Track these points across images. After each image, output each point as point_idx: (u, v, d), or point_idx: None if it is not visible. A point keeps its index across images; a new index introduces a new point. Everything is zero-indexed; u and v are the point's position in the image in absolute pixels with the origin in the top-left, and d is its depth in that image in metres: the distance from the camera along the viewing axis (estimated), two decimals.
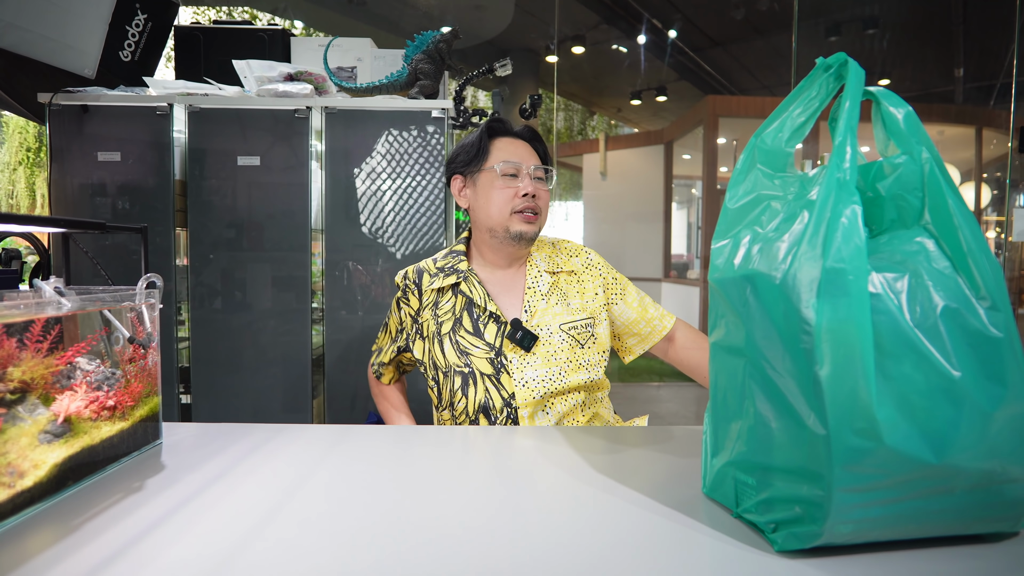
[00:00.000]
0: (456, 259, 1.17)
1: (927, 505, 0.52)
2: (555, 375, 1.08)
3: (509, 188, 1.11)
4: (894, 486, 0.50)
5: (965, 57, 5.57)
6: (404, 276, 1.21)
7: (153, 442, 0.87)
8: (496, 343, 1.09)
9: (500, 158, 1.13)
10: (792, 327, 0.52)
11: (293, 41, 2.03)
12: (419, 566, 0.53)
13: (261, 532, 0.59)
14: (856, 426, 0.48)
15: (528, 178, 1.12)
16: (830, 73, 0.60)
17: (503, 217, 1.11)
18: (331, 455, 0.83)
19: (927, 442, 0.49)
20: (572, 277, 1.18)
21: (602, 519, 0.63)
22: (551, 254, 1.20)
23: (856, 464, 0.49)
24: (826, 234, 0.52)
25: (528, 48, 6.39)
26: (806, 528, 0.52)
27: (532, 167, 1.13)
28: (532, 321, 1.10)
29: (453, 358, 1.10)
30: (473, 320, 1.11)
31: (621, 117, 9.47)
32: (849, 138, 0.54)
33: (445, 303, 1.14)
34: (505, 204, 1.11)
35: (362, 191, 1.81)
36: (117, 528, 0.60)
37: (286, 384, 1.83)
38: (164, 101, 1.77)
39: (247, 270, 1.82)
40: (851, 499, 0.50)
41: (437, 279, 1.16)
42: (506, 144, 1.15)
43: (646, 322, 1.19)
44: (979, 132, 5.66)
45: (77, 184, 1.77)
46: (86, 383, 0.74)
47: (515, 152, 1.14)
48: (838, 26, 5.65)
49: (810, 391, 0.50)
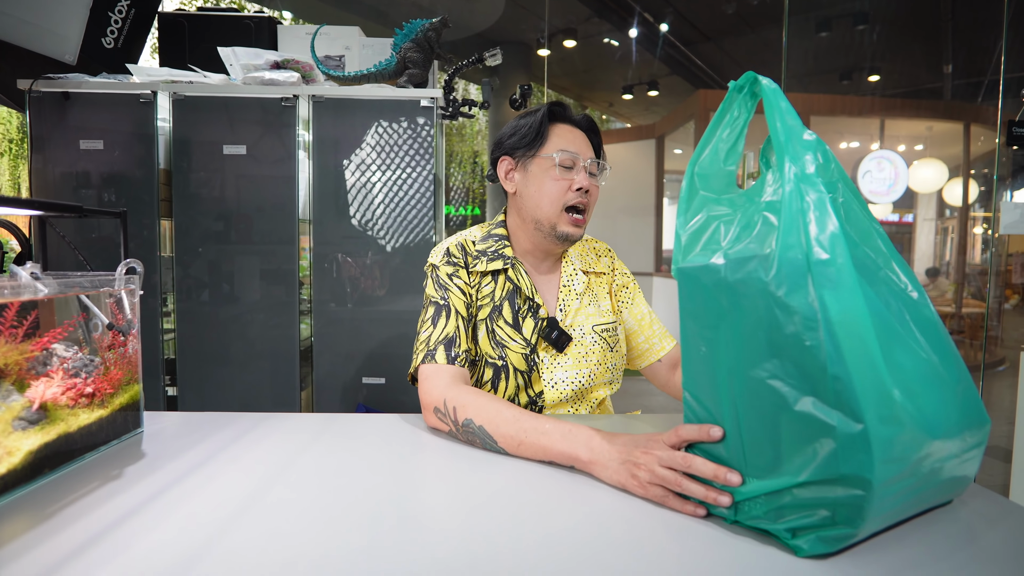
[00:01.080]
0: (499, 243, 1.10)
1: (926, 487, 0.53)
2: (584, 377, 1.04)
3: (563, 180, 1.04)
4: (910, 474, 0.50)
5: (954, 53, 5.60)
6: (448, 253, 1.08)
7: (134, 430, 0.85)
8: (532, 339, 1.04)
9: (558, 146, 1.05)
10: (790, 328, 0.50)
11: (280, 29, 2.00)
12: (401, 554, 0.52)
13: (239, 519, 0.58)
14: (883, 414, 0.48)
15: (584, 172, 1.05)
16: (744, 93, 0.63)
17: (554, 211, 1.04)
18: (314, 443, 0.82)
19: (926, 423, 0.50)
20: (601, 279, 1.15)
21: (596, 510, 0.62)
22: (583, 252, 1.16)
23: (890, 455, 0.48)
24: (803, 226, 0.51)
25: (519, 41, 6.36)
26: (838, 531, 0.50)
27: (588, 160, 1.06)
28: (567, 321, 1.06)
29: (487, 347, 1.04)
30: (514, 311, 1.06)
31: (613, 112, 9.46)
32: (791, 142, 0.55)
33: (485, 287, 1.07)
34: (558, 196, 1.04)
35: (352, 182, 1.79)
36: (92, 516, 0.59)
37: (274, 376, 1.81)
38: (148, 88, 1.74)
39: (234, 261, 1.79)
40: (887, 492, 0.49)
41: (480, 261, 1.08)
42: (565, 132, 1.08)
43: (645, 338, 1.15)
44: (967, 128, 5.70)
45: (59, 173, 1.74)
46: (63, 370, 0.73)
47: (574, 141, 1.06)
48: (828, 21, 5.67)
49: (828, 390, 0.49)
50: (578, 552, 0.52)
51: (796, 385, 0.51)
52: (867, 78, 6.18)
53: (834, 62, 6.27)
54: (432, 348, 0.98)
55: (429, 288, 1.06)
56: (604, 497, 0.65)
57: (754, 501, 0.56)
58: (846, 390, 0.48)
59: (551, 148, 1.05)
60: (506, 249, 1.09)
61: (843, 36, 5.72)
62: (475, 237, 1.12)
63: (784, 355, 0.51)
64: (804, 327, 0.49)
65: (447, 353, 0.97)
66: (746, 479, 0.56)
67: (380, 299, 1.81)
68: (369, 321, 1.81)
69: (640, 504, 0.63)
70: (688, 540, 0.55)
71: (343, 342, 1.82)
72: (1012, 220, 2.62)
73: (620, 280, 1.17)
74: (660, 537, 0.56)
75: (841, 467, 0.48)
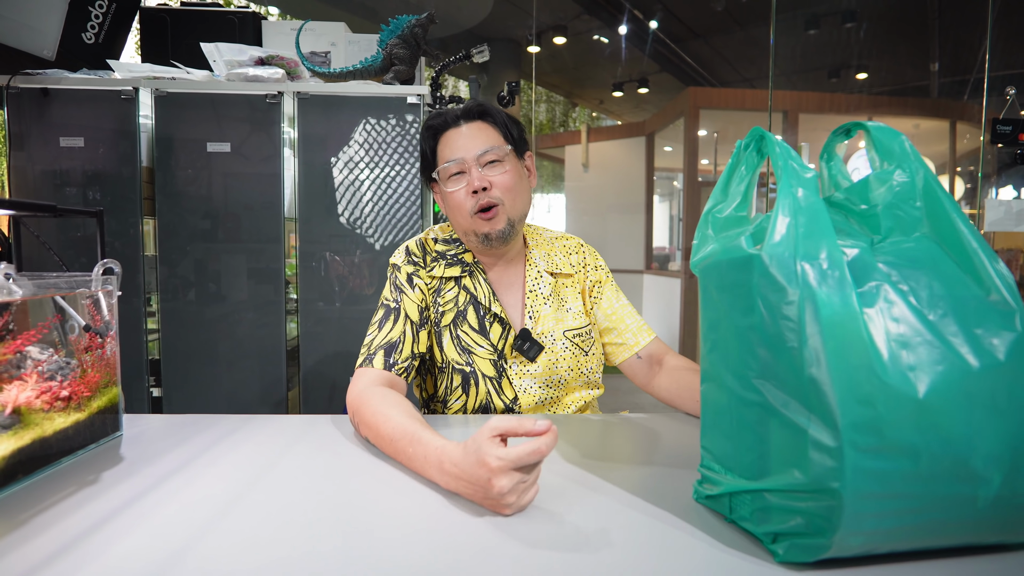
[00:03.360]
0: (459, 248, 1.06)
1: (947, 517, 0.48)
2: (555, 383, 1.02)
3: (459, 189, 0.99)
4: (913, 496, 0.47)
5: (940, 51, 5.64)
6: (407, 252, 1.05)
7: (112, 434, 0.84)
8: (499, 345, 1.01)
9: (442, 159, 1.01)
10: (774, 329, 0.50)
11: (265, 25, 1.97)
12: (381, 560, 0.51)
13: (216, 525, 0.57)
14: (861, 423, 0.45)
15: (475, 169, 0.98)
16: (751, 150, 0.63)
17: (466, 222, 0.99)
18: (296, 445, 0.80)
19: (945, 440, 0.46)
20: (570, 280, 1.09)
21: (590, 515, 0.62)
22: (550, 252, 1.10)
23: (868, 468, 0.46)
24: (791, 222, 0.51)
25: (509, 38, 6.34)
26: (813, 540, 0.49)
27: (477, 154, 0.98)
28: (537, 328, 1.02)
29: (453, 354, 1.01)
30: (479, 316, 1.02)
31: (603, 109, 9.46)
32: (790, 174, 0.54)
33: (448, 291, 1.03)
34: (461, 209, 0.99)
35: (340, 180, 1.78)
36: (67, 522, 0.57)
37: (261, 376, 1.79)
38: (129, 85, 1.71)
39: (219, 260, 1.77)
40: (869, 507, 0.46)
41: (438, 265, 1.04)
42: (450, 139, 1.01)
43: (618, 333, 1.09)
44: (953, 126, 5.75)
45: (39, 171, 1.71)
46: (37, 372, 0.71)
47: (456, 145, 0.99)
48: (816, 19, 5.69)
49: (806, 394, 0.47)
50: (578, 554, 0.52)
51: (778, 386, 0.50)
52: (855, 76, 6.22)
53: (822, 60, 6.30)
54: (372, 352, 0.95)
55: (386, 289, 1.04)
56: (594, 496, 0.64)
57: (741, 501, 0.56)
58: (822, 394, 0.46)
59: (439, 165, 1.01)
60: (466, 254, 1.05)
61: (831, 34, 5.75)
62: (437, 235, 1.08)
63: (770, 355, 0.51)
64: (788, 328, 0.49)
65: (386, 359, 0.95)
66: (735, 477, 0.56)
67: (368, 298, 1.80)
68: (357, 320, 1.79)
69: (620, 501, 0.62)
70: (677, 541, 0.55)
71: (331, 341, 1.80)
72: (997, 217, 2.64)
73: (592, 276, 1.11)
74: (641, 536, 0.55)
75: (811, 474, 0.47)
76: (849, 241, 0.53)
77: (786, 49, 5.57)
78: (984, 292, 0.51)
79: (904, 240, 0.55)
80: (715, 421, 0.59)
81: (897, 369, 0.47)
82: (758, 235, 0.55)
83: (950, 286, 0.51)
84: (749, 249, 0.53)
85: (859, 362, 0.46)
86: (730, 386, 0.56)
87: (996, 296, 0.51)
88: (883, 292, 0.50)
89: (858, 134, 0.63)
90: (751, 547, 0.54)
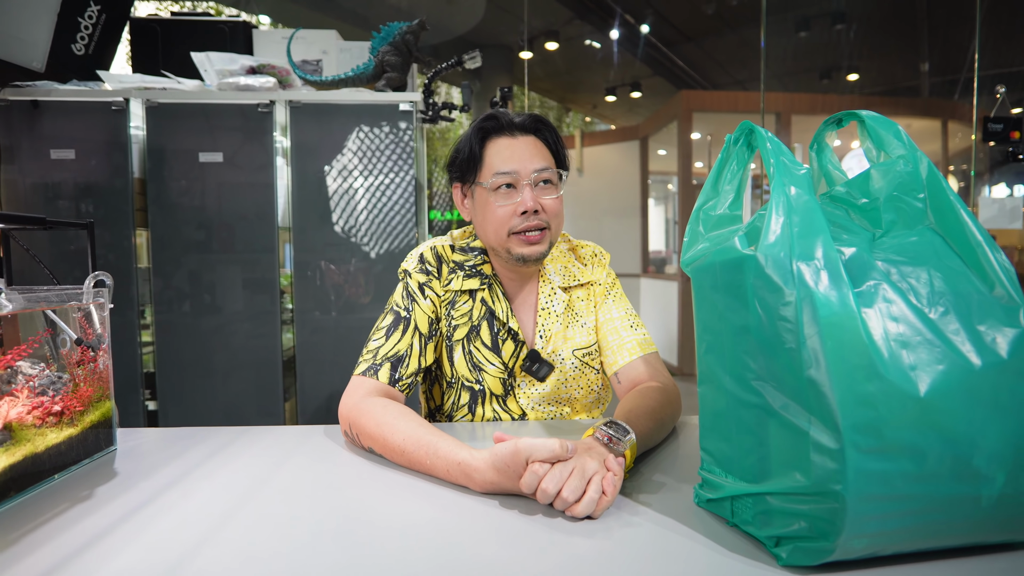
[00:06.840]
0: (478, 258, 1.01)
1: (951, 518, 0.47)
2: (564, 399, 1.01)
3: (507, 204, 0.93)
4: (916, 497, 0.46)
5: (930, 51, 5.69)
6: (421, 260, 1.00)
7: (106, 448, 0.83)
8: (510, 363, 0.99)
9: (493, 168, 0.94)
10: (772, 330, 0.49)
11: (256, 33, 1.97)
12: (384, 570, 0.50)
13: (212, 539, 0.56)
14: (863, 424, 0.45)
15: (529, 188, 0.93)
16: (740, 144, 0.63)
17: (500, 239, 0.95)
18: (293, 457, 0.80)
19: (947, 440, 0.46)
20: (584, 291, 1.05)
21: (591, 521, 0.61)
22: (566, 264, 1.06)
23: (871, 469, 0.45)
24: (785, 222, 0.50)
25: (500, 44, 6.35)
26: (817, 544, 0.48)
27: (533, 173, 0.93)
28: (547, 348, 0.99)
29: (464, 370, 0.98)
30: (492, 333, 0.99)
31: (596, 113, 9.49)
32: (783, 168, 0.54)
33: (463, 304, 0.99)
34: (502, 225, 0.94)
35: (333, 188, 1.77)
36: (60, 539, 0.56)
37: (257, 387, 1.78)
38: (120, 96, 1.70)
39: (213, 271, 1.76)
40: (873, 509, 0.46)
41: (456, 277, 1.00)
42: (503, 148, 0.95)
43: (604, 347, 1.03)
44: (945, 125, 5.79)
45: (29, 183, 1.70)
46: (28, 388, 0.70)
47: (512, 156, 0.94)
48: (807, 21, 5.73)
49: (806, 395, 0.47)
50: (580, 560, 0.51)
51: (777, 388, 0.50)
52: (846, 77, 6.26)
53: (813, 61, 6.34)
54: (378, 362, 0.91)
55: (397, 294, 0.99)
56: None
57: (743, 504, 0.55)
58: (822, 396, 0.46)
59: (487, 173, 0.95)
60: (485, 266, 1.01)
61: (822, 35, 5.79)
62: (454, 242, 1.04)
63: (767, 357, 0.50)
64: (786, 329, 0.48)
65: (391, 373, 0.90)
66: (736, 480, 0.55)
67: (365, 307, 1.79)
68: (354, 329, 1.78)
69: (620, 506, 0.61)
70: (679, 546, 0.54)
71: (327, 351, 1.79)
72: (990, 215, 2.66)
73: (603, 285, 1.07)
74: (641, 540, 0.54)
75: (813, 477, 0.47)
76: (846, 239, 0.53)
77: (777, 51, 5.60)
78: (988, 287, 0.51)
79: (906, 234, 0.55)
80: (714, 424, 0.58)
81: (897, 369, 0.46)
82: (752, 235, 0.54)
83: (953, 281, 0.51)
84: (743, 250, 0.53)
85: (859, 362, 0.46)
86: (728, 388, 0.55)
87: (1000, 291, 0.50)
88: (881, 291, 0.50)
89: (851, 132, 0.62)
90: (754, 551, 0.53)
